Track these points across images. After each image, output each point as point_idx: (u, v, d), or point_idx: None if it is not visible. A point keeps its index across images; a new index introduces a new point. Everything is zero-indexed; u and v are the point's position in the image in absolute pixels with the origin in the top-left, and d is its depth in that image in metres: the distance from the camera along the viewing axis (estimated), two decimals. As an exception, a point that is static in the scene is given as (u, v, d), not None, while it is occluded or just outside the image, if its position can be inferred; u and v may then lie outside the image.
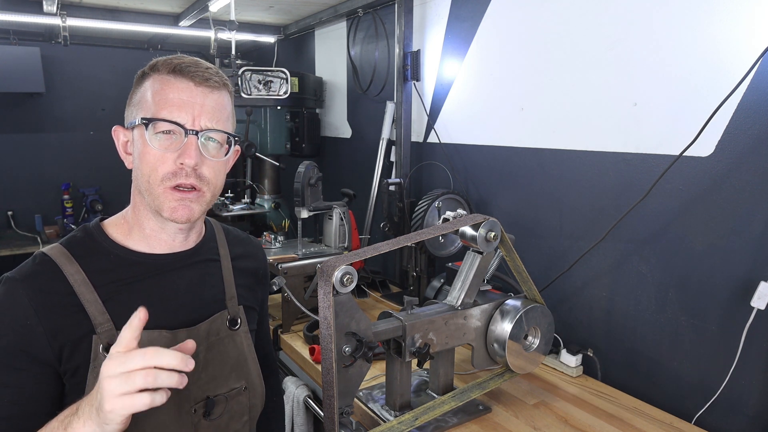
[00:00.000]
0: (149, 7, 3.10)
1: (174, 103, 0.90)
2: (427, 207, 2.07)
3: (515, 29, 2.00)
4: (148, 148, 0.90)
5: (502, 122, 2.10)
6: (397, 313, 1.37)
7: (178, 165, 0.91)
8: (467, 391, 1.46)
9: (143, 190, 0.93)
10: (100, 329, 0.89)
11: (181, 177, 0.91)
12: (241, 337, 1.07)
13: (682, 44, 1.49)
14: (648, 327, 1.65)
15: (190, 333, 0.97)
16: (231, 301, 1.08)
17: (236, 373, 1.05)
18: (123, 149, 0.97)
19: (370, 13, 2.77)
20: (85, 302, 0.89)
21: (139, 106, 0.93)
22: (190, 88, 0.92)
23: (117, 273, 0.94)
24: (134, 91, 0.95)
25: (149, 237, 0.98)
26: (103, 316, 0.89)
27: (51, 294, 0.88)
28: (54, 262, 0.90)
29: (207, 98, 0.93)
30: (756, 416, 1.41)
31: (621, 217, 1.65)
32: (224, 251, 1.11)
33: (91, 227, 0.99)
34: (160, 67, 0.93)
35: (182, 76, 0.92)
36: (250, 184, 3.29)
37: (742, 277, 1.41)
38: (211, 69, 0.95)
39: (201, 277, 1.04)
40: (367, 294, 2.47)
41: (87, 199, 3.94)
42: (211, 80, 0.93)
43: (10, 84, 3.50)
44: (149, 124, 0.90)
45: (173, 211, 0.92)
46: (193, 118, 0.91)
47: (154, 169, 0.91)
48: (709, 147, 1.45)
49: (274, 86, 2.90)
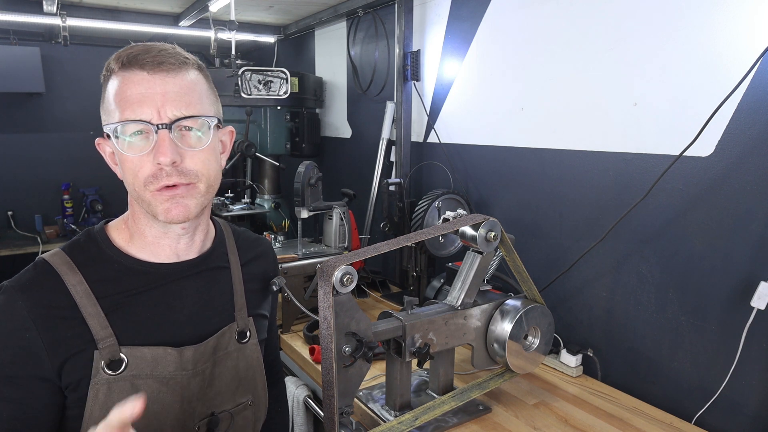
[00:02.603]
0: (149, 7, 3.10)
1: (133, 99, 0.81)
2: (427, 207, 2.07)
3: (515, 29, 2.00)
4: (124, 155, 0.83)
5: (502, 122, 2.10)
6: (397, 313, 1.37)
7: (156, 166, 0.82)
8: (467, 391, 1.46)
9: (135, 198, 0.88)
10: (102, 344, 0.84)
11: (163, 178, 0.83)
12: (250, 350, 1.02)
13: (682, 44, 1.49)
14: (648, 327, 1.65)
15: (197, 350, 0.92)
16: (240, 312, 1.02)
17: (243, 388, 1.01)
18: (111, 161, 0.90)
19: (370, 13, 2.77)
20: (87, 316, 0.84)
21: (105, 112, 0.86)
22: (145, 79, 0.81)
23: (121, 283, 0.89)
24: (102, 97, 0.87)
25: (152, 244, 0.92)
26: (106, 330, 0.85)
27: (52, 307, 0.84)
28: (56, 271, 0.85)
29: (167, 84, 0.82)
30: (756, 416, 1.41)
31: (621, 217, 1.65)
32: (234, 258, 1.05)
33: (95, 233, 0.93)
34: (113, 64, 0.84)
35: (134, 67, 0.82)
36: (250, 184, 3.29)
37: (742, 277, 1.41)
38: (166, 50, 0.84)
39: (209, 287, 0.98)
40: (367, 294, 2.47)
41: (87, 199, 3.93)
42: (165, 63, 0.82)
43: (10, 84, 3.50)
44: (115, 130, 0.82)
45: (167, 213, 0.85)
46: (158, 111, 0.81)
47: (136, 176, 0.83)
48: (709, 147, 1.45)
49: (274, 86, 2.90)
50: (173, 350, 0.89)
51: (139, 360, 0.87)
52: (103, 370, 0.84)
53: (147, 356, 0.87)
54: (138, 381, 0.87)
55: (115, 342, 0.85)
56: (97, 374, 0.84)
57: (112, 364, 0.85)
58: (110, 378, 0.85)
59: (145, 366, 0.87)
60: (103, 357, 0.84)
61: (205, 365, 0.94)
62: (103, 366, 0.84)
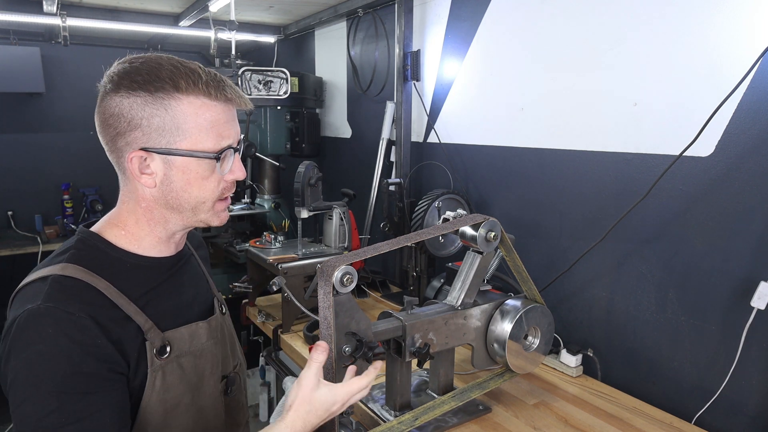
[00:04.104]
0: (149, 7, 3.10)
1: (226, 126, 0.93)
2: (427, 207, 2.07)
3: (515, 29, 2.00)
4: (210, 175, 0.93)
5: (502, 122, 2.10)
6: (397, 313, 1.37)
7: (231, 181, 0.97)
8: (467, 391, 1.46)
9: (186, 209, 0.94)
10: (150, 335, 0.91)
11: (230, 190, 0.98)
12: (228, 319, 1.16)
13: (682, 44, 1.49)
14: (648, 327, 1.65)
15: (215, 320, 1.06)
16: (214, 289, 1.16)
17: (233, 352, 1.14)
18: (140, 171, 0.90)
19: (370, 13, 2.77)
20: (129, 313, 0.89)
21: (177, 132, 0.88)
22: (228, 108, 0.94)
23: (139, 279, 0.95)
24: (155, 114, 0.87)
25: (163, 242, 0.99)
26: (148, 322, 0.91)
27: (102, 310, 0.86)
28: (82, 281, 0.87)
29: (234, 112, 0.96)
30: (756, 416, 1.41)
31: (621, 217, 1.65)
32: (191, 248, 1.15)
33: (89, 238, 0.94)
34: (190, 89, 0.88)
35: (219, 95, 0.91)
36: (250, 184, 3.29)
37: (742, 277, 1.41)
38: (228, 81, 0.95)
39: (193, 272, 1.10)
40: (367, 294, 2.47)
41: (87, 199, 3.93)
42: (235, 99, 0.95)
43: (10, 84, 3.50)
44: (220, 156, 0.91)
45: (222, 219, 1.00)
46: (236, 135, 0.95)
47: (213, 193, 0.94)
48: (709, 147, 1.45)
49: (274, 86, 2.90)
50: (203, 323, 1.03)
51: (179, 340, 0.97)
52: (156, 357, 0.92)
53: (185, 335, 0.98)
54: (181, 359, 0.97)
55: (158, 330, 0.93)
56: (152, 363, 0.91)
57: (161, 349, 0.93)
58: (162, 362, 0.93)
59: (184, 344, 0.98)
60: (154, 346, 0.92)
61: (222, 333, 1.09)
62: (155, 353, 0.92)
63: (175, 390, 0.95)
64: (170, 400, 0.94)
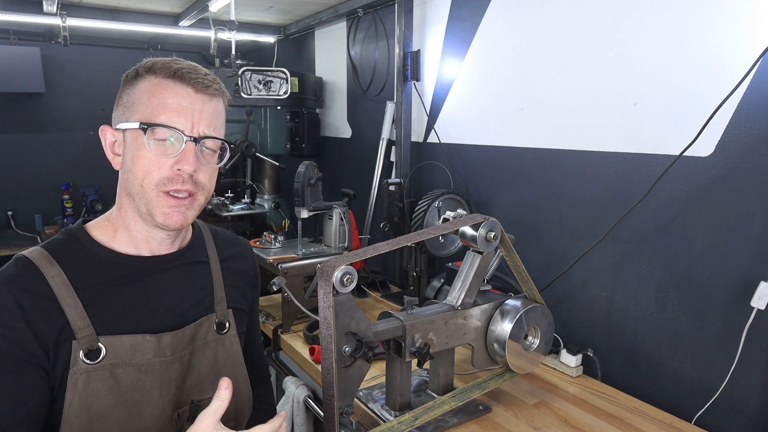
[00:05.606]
0: (149, 7, 3.10)
1: (173, 108, 0.90)
2: (427, 207, 2.07)
3: (515, 29, 2.00)
4: (144, 152, 0.89)
5: (502, 122, 2.10)
6: (397, 313, 1.37)
7: (175, 171, 0.90)
8: (467, 391, 1.46)
9: (134, 193, 0.92)
10: (80, 334, 0.87)
11: (177, 183, 0.91)
12: (230, 341, 1.07)
13: (682, 44, 1.49)
14: (648, 327, 1.65)
15: (175, 336, 0.96)
16: (220, 304, 1.06)
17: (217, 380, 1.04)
18: (110, 150, 0.96)
19: (370, 13, 2.77)
20: (65, 306, 0.87)
21: (132, 108, 0.92)
22: (190, 95, 0.91)
23: (101, 276, 0.92)
24: (124, 92, 0.94)
25: (136, 238, 0.97)
26: (84, 321, 0.88)
27: (34, 299, 0.86)
28: (35, 265, 0.88)
29: (206, 105, 0.93)
30: (756, 416, 1.41)
31: (621, 217, 1.65)
32: (213, 254, 1.10)
33: (74, 229, 0.97)
34: (158, 70, 0.91)
35: (182, 81, 0.91)
36: (250, 184, 3.29)
37: (742, 277, 1.41)
38: (210, 76, 0.94)
39: (189, 279, 1.03)
40: (367, 294, 2.48)
41: (87, 199, 3.94)
42: (210, 87, 0.93)
43: (10, 84, 3.49)
44: (148, 128, 0.89)
45: (167, 217, 0.92)
46: (192, 125, 0.91)
47: (149, 174, 0.90)
48: (709, 147, 1.45)
49: (274, 86, 2.90)
50: (151, 337, 0.93)
51: (118, 348, 0.90)
52: (82, 360, 0.87)
53: (126, 344, 0.91)
54: (117, 369, 0.90)
55: (92, 332, 0.88)
56: (75, 364, 0.87)
57: (90, 353, 0.88)
58: (89, 367, 0.87)
59: (124, 354, 0.91)
60: (81, 347, 0.87)
61: (183, 352, 0.98)
62: (81, 356, 0.87)
63: (102, 399, 0.89)
64: (95, 408, 0.88)
